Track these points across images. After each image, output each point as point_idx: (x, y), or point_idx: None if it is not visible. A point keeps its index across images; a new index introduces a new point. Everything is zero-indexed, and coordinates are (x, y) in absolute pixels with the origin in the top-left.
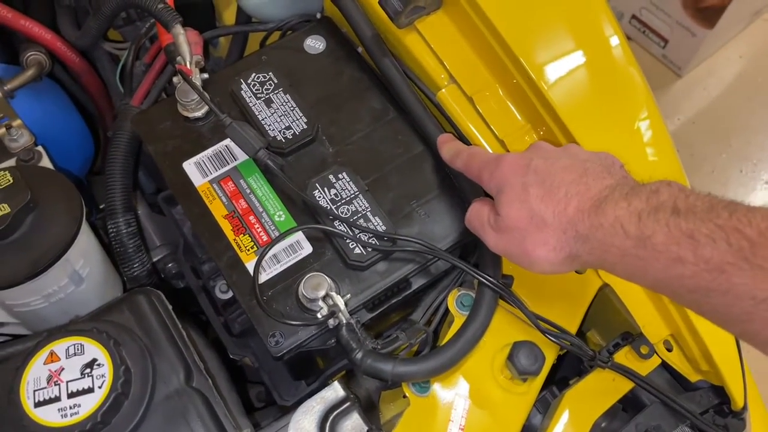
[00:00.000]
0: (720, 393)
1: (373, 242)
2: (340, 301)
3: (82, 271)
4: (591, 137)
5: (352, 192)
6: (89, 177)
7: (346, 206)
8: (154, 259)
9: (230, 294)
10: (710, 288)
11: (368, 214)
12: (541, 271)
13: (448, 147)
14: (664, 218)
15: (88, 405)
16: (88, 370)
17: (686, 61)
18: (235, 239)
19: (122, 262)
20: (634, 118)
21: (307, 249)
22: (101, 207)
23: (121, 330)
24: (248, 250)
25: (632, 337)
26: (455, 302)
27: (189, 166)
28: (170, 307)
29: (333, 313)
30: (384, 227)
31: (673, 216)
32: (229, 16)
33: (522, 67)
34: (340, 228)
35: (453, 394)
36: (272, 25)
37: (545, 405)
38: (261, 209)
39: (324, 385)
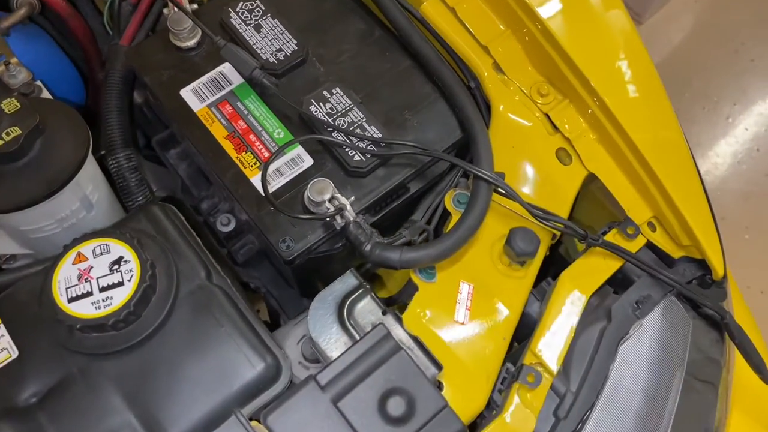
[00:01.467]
0: (702, 266)
1: (371, 148)
2: (346, 201)
3: (92, 197)
4: (576, 38)
5: (346, 105)
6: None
7: (342, 118)
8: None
9: (231, 226)
10: None
11: (364, 123)
12: None
13: None
14: None
15: (120, 296)
16: (116, 267)
17: (645, 8)
18: (237, 157)
19: (126, 196)
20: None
21: (308, 161)
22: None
23: (142, 234)
24: (252, 166)
25: (619, 222)
26: (452, 201)
27: (186, 93)
28: (183, 218)
29: (340, 210)
30: (380, 135)
31: None
32: None
33: None
34: (339, 137)
35: (458, 280)
36: None
37: (542, 293)
38: (260, 128)
39: None
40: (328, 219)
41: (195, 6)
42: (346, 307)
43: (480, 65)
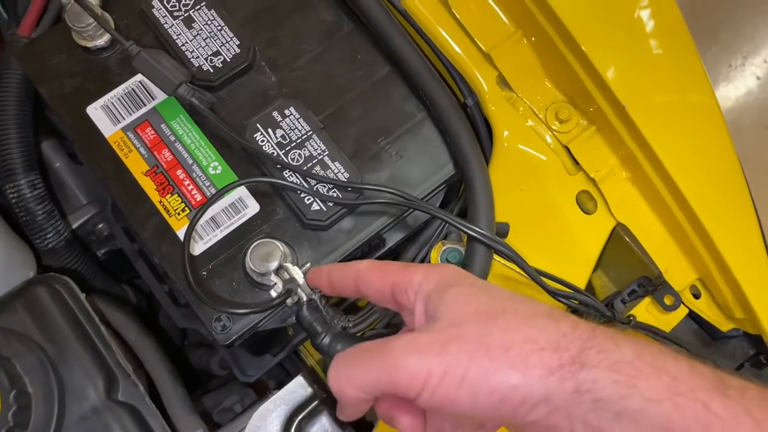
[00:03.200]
0: (756, 342)
1: (335, 194)
2: (298, 274)
3: None
4: (608, 46)
5: (303, 132)
6: None
7: (298, 150)
8: (81, 221)
9: None
10: None
11: (325, 158)
12: None
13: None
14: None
15: None
16: None
17: None
18: (160, 200)
19: (32, 233)
20: (659, 34)
21: (254, 207)
22: None
23: (13, 339)
24: (179, 214)
25: (651, 284)
26: (440, 259)
27: (95, 111)
28: (82, 296)
29: (289, 290)
30: (347, 174)
31: None
32: None
33: None
34: (292, 179)
35: None
36: None
37: None
38: (191, 161)
39: (293, 352)
40: (271, 308)
41: None
42: (293, 429)
43: (480, 78)
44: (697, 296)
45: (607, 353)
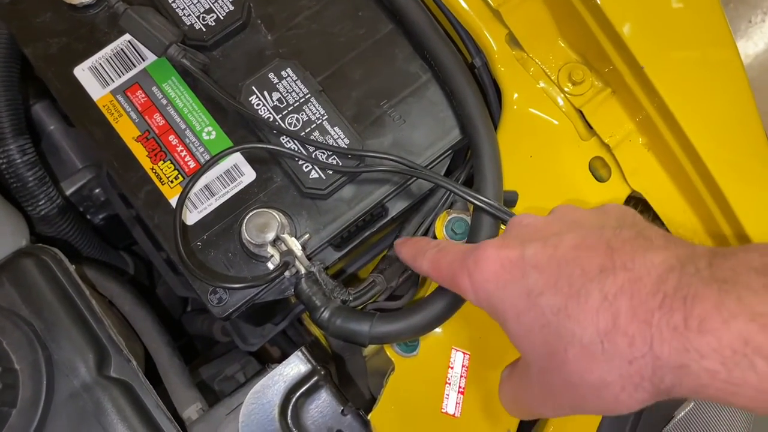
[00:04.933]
0: None
1: (334, 162)
2: (296, 246)
3: None
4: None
5: (301, 94)
6: None
7: (295, 114)
8: (76, 186)
9: None
10: None
11: (325, 123)
12: (614, 414)
13: (406, 247)
14: None
15: None
16: None
17: None
18: (152, 168)
19: (23, 200)
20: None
21: (250, 175)
22: None
23: (1, 314)
24: (171, 182)
25: None
26: (445, 229)
27: (82, 73)
28: (72, 268)
29: (287, 262)
30: (347, 140)
31: None
32: None
33: None
34: (290, 146)
35: (448, 348)
36: None
37: None
38: (183, 125)
39: (296, 320)
40: (268, 281)
41: None
42: (291, 406)
43: (488, 36)
44: None
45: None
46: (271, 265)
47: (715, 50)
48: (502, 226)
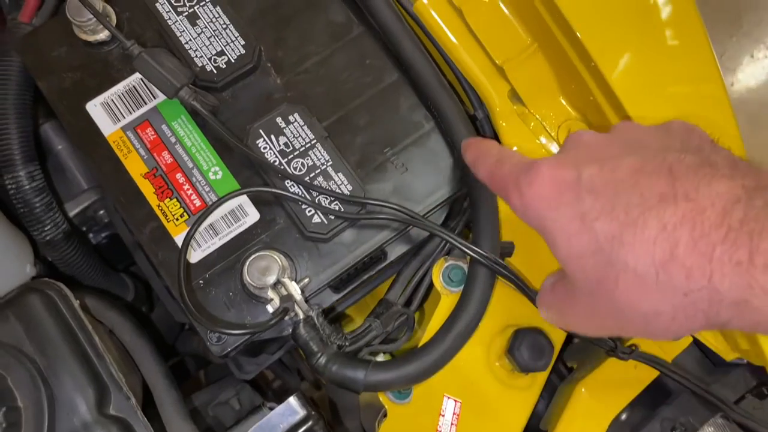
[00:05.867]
0: (759, 372)
1: (337, 207)
2: (296, 291)
3: None
4: (615, 55)
5: (307, 140)
6: None
7: (300, 159)
8: (80, 207)
9: None
10: None
11: (329, 169)
12: (659, 339)
13: (470, 150)
14: None
15: None
16: None
17: None
18: (159, 205)
19: (30, 225)
20: (675, 29)
21: (253, 216)
22: None
23: (4, 352)
24: (177, 219)
25: None
26: (441, 276)
27: (94, 108)
28: (76, 303)
29: (286, 308)
30: (350, 186)
31: None
32: None
33: None
34: (294, 190)
35: (440, 396)
36: None
37: (550, 389)
38: (191, 164)
39: (291, 350)
40: (267, 328)
41: None
42: None
43: (491, 90)
44: None
45: None
46: (270, 308)
47: (715, 113)
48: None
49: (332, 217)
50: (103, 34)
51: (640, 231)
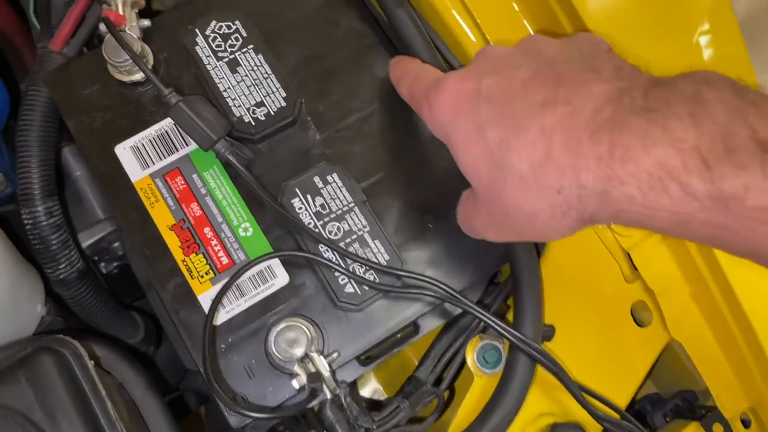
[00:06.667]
0: None
1: (371, 277)
2: (324, 367)
3: None
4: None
5: (345, 203)
6: (10, 123)
7: (337, 223)
8: (95, 238)
9: None
10: None
11: (365, 235)
12: (548, 240)
13: (396, 69)
14: (754, 162)
15: None
16: None
17: None
18: (184, 260)
19: (44, 262)
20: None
21: (282, 278)
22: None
23: (13, 420)
24: (202, 276)
25: (697, 400)
26: (476, 356)
27: (123, 152)
28: (91, 364)
29: (314, 390)
30: (386, 256)
31: None
32: None
33: None
34: (328, 255)
35: None
36: None
37: None
38: (220, 219)
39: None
40: (294, 412)
41: (146, 23)
42: None
43: None
44: (747, 424)
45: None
46: (295, 384)
47: None
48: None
49: (366, 288)
50: (138, 75)
51: (523, 134)
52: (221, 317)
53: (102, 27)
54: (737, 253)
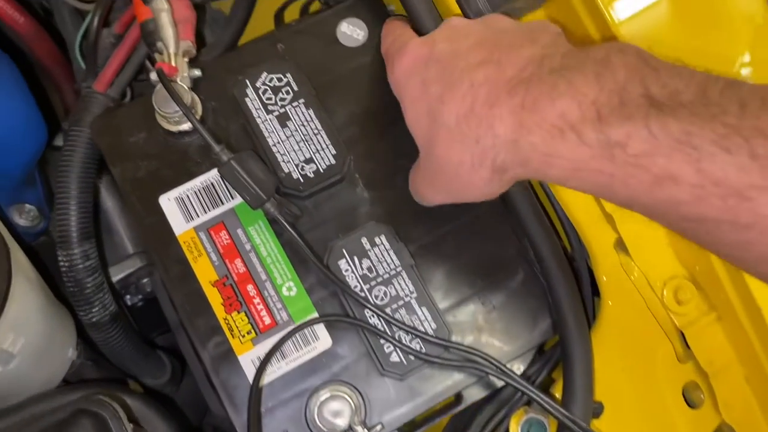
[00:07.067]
0: None
1: (417, 346)
2: None
3: (12, 347)
4: None
5: (392, 266)
6: (47, 153)
7: (383, 288)
8: (124, 274)
9: None
10: (721, 219)
11: (412, 302)
12: (473, 199)
13: (387, 26)
14: (639, 115)
15: None
16: None
17: None
18: (226, 318)
19: (78, 305)
20: None
21: (325, 342)
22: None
23: None
24: (243, 336)
25: None
26: (521, 430)
27: (167, 203)
28: (130, 427)
29: None
30: (433, 325)
31: (654, 111)
32: None
33: None
34: (374, 321)
35: None
36: None
37: None
38: (264, 276)
39: None
40: None
41: (197, 73)
42: None
43: (596, 239)
44: None
45: None
46: None
47: None
48: None
49: (411, 357)
50: (186, 125)
51: (456, 89)
52: (262, 380)
53: (153, 76)
54: (623, 202)
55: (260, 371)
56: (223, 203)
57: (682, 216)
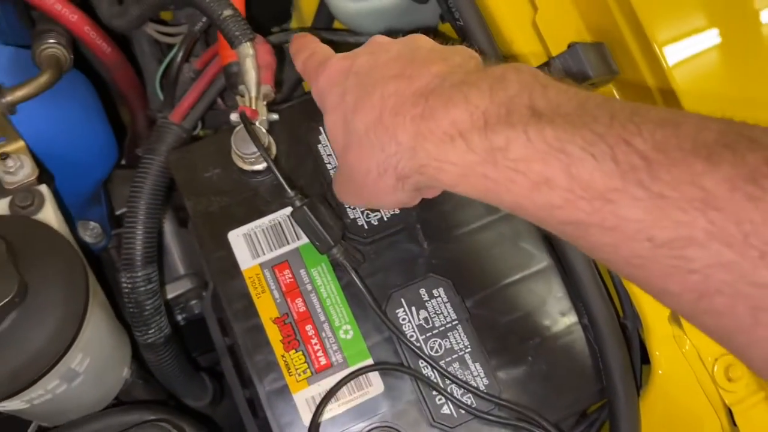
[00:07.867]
0: None
1: (468, 401)
2: None
3: (79, 367)
4: None
5: (449, 320)
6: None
7: (439, 340)
8: (175, 294)
9: None
10: (590, 222)
11: (466, 356)
12: (386, 206)
13: (296, 42)
14: (520, 123)
15: None
16: None
17: None
18: (283, 355)
19: (135, 326)
20: None
21: (378, 387)
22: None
23: None
24: (299, 375)
25: None
26: None
27: (236, 239)
28: None
29: None
30: (486, 381)
31: (534, 120)
32: (307, 5)
33: None
34: (427, 372)
35: None
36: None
37: None
38: (323, 317)
39: None
40: None
41: (275, 117)
42: None
43: (651, 309)
44: None
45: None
46: None
47: None
48: None
49: (462, 411)
50: (261, 166)
51: (368, 99)
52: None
53: (233, 117)
54: (510, 208)
55: (318, 413)
56: (288, 243)
57: (559, 220)
